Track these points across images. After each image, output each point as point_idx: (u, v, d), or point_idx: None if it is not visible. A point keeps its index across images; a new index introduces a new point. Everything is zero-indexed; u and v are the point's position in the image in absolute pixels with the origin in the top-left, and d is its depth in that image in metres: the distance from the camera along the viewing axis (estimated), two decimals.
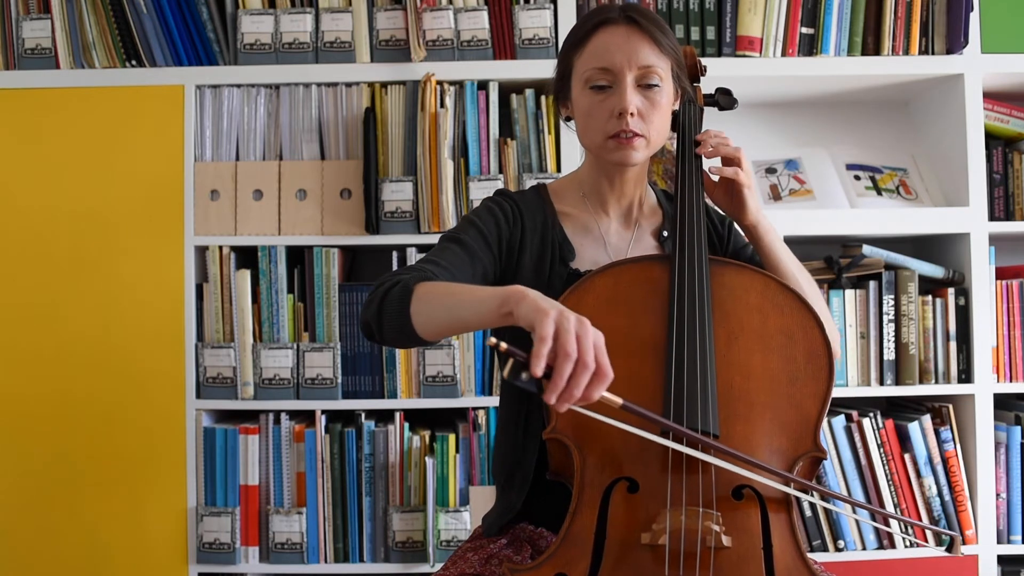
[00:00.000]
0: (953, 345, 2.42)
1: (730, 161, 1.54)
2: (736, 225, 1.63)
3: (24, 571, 2.31)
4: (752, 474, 1.28)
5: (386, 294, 1.33)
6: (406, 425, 2.36)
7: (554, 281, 1.52)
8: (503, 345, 1.11)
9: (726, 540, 1.24)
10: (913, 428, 2.36)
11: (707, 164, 1.59)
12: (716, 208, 1.65)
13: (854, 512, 2.28)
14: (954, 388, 2.40)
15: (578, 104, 1.52)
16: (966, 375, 2.42)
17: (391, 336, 1.34)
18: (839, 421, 2.35)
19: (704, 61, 2.26)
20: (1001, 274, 2.49)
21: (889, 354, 2.41)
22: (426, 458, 2.32)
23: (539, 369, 1.09)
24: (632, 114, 1.47)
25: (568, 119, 1.58)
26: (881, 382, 2.41)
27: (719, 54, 2.42)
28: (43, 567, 2.31)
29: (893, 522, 2.18)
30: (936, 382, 2.41)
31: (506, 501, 1.54)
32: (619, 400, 1.17)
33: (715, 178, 1.56)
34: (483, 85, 2.40)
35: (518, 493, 1.52)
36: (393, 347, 2.13)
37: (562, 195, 1.62)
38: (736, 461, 1.27)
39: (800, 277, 1.53)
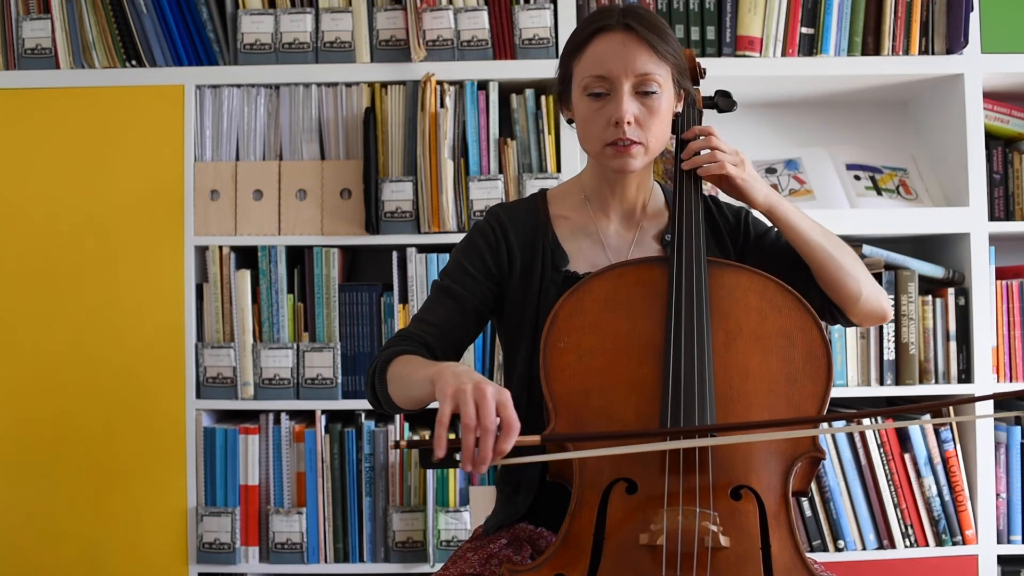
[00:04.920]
0: (953, 345, 2.42)
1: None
2: (752, 214, 1.63)
3: (24, 571, 2.31)
4: (756, 436, 1.29)
5: (373, 377, 1.49)
6: (406, 425, 2.36)
7: (547, 287, 1.53)
8: (402, 443, 1.27)
9: (724, 540, 1.24)
10: (913, 428, 2.35)
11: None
12: (731, 202, 1.64)
13: (873, 421, 2.19)
14: (954, 388, 2.40)
15: (577, 110, 1.52)
16: (966, 375, 2.42)
17: (392, 412, 1.54)
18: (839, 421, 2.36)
19: (704, 61, 2.27)
20: (1001, 274, 2.49)
21: (889, 354, 2.41)
22: None
23: (441, 451, 1.21)
24: (629, 122, 1.46)
25: (571, 121, 1.59)
26: (881, 382, 2.41)
27: (719, 54, 2.42)
28: (43, 567, 2.31)
29: (894, 521, 2.17)
30: (936, 382, 2.41)
31: (512, 507, 1.55)
32: (536, 438, 1.28)
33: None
34: (483, 85, 2.40)
35: (524, 498, 1.53)
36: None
37: (562, 199, 1.63)
38: (733, 432, 1.29)
39: (830, 246, 1.52)
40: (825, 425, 1.98)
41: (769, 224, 1.61)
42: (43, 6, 2.39)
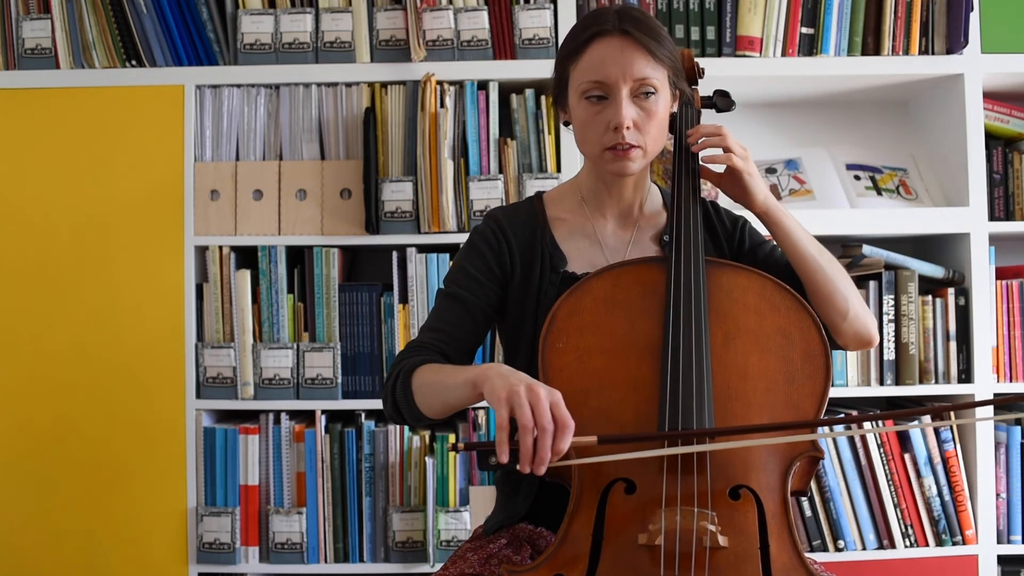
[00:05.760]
0: (953, 345, 2.41)
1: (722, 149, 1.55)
2: (749, 224, 1.64)
3: (24, 571, 2.31)
4: (756, 441, 1.29)
5: (394, 389, 1.46)
6: (406, 425, 2.36)
7: (546, 288, 1.54)
8: (460, 445, 1.26)
9: (722, 540, 1.24)
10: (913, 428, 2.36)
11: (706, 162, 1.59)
12: (730, 209, 1.65)
13: (875, 425, 2.23)
14: (954, 388, 2.40)
15: (575, 114, 1.52)
16: (966, 375, 2.42)
17: (415, 424, 1.51)
18: None
19: (704, 61, 2.27)
20: (1001, 274, 2.49)
21: (889, 354, 2.41)
22: (426, 458, 2.32)
23: (504, 456, 1.21)
24: (628, 127, 1.47)
25: (567, 124, 1.59)
26: (881, 382, 2.41)
27: (719, 54, 2.42)
28: (43, 567, 2.31)
29: (894, 521, 2.17)
30: (936, 382, 2.41)
31: (512, 507, 1.56)
32: (593, 438, 1.26)
33: (719, 169, 1.56)
34: (483, 85, 2.40)
35: (524, 499, 1.53)
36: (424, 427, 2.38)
37: (559, 201, 1.63)
38: (735, 437, 1.29)
39: (822, 260, 1.51)
40: (823, 429, 1.98)
41: (766, 236, 1.61)
42: (43, 6, 2.40)
